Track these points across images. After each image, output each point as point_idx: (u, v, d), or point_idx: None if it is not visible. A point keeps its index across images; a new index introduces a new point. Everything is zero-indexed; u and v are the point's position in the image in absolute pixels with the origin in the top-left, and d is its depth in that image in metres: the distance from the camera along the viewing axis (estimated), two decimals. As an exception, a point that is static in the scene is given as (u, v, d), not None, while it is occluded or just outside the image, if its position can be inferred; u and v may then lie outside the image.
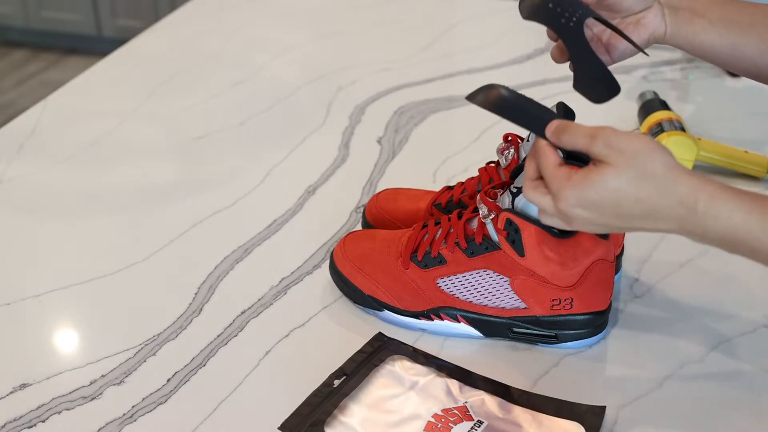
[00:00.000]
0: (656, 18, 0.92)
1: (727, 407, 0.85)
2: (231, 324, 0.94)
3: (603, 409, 0.82)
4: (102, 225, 1.12)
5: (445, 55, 1.60)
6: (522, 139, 0.96)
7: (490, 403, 0.82)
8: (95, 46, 3.69)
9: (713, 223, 0.71)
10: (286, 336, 0.93)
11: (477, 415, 0.81)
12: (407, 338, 0.91)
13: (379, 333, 0.91)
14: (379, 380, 0.85)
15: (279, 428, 0.80)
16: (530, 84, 1.45)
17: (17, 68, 3.77)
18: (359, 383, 0.84)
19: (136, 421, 0.82)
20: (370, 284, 0.94)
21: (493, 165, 1.01)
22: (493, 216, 0.88)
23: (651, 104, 1.30)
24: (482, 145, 1.29)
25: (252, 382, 0.87)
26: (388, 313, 0.94)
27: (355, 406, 0.82)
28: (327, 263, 1.01)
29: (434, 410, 0.81)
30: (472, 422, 0.80)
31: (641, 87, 1.40)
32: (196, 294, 0.98)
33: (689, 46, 0.93)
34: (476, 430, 0.79)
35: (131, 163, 1.26)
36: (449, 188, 1.04)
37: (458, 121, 1.38)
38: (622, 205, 0.72)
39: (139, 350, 0.90)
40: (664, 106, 1.29)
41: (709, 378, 0.88)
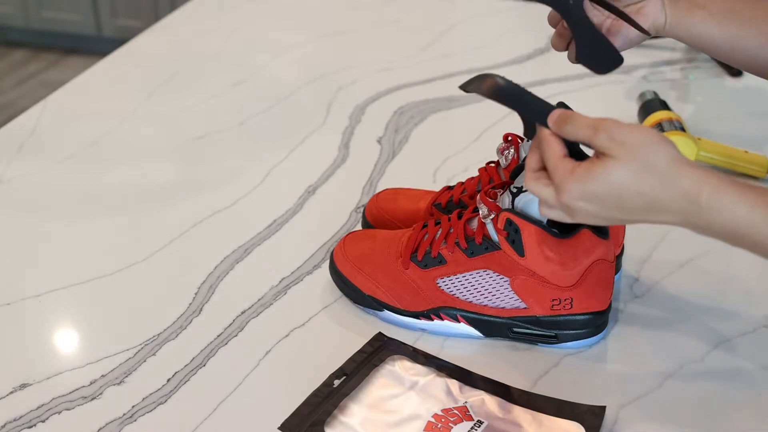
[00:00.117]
0: (656, 8, 0.92)
1: (727, 407, 0.84)
2: (231, 324, 0.94)
3: (603, 409, 0.82)
4: (102, 225, 1.12)
5: (445, 55, 1.60)
6: (522, 139, 0.96)
7: (490, 403, 0.82)
8: (95, 46, 3.69)
9: (716, 216, 0.70)
10: (286, 336, 0.93)
11: (477, 415, 0.81)
12: (407, 338, 0.91)
13: (379, 333, 0.91)
14: (379, 380, 0.85)
15: (279, 428, 0.80)
16: (530, 84, 1.45)
17: (17, 68, 3.77)
18: (359, 383, 0.84)
19: (136, 421, 0.82)
20: (370, 284, 0.94)
21: (493, 165, 1.01)
22: (493, 216, 0.88)
23: (651, 104, 1.29)
24: (482, 145, 1.29)
25: (252, 382, 0.87)
26: (388, 313, 0.94)
27: (355, 406, 0.81)
28: (327, 263, 1.01)
29: (434, 410, 0.81)
30: (472, 422, 0.80)
31: (641, 87, 1.40)
32: (196, 294, 0.98)
33: (688, 38, 0.93)
34: (476, 430, 0.79)
35: (131, 163, 1.26)
36: (449, 188, 1.04)
37: (458, 121, 1.38)
38: (624, 198, 0.72)
39: (139, 350, 0.90)
40: (664, 106, 1.29)
41: (710, 378, 0.88)
